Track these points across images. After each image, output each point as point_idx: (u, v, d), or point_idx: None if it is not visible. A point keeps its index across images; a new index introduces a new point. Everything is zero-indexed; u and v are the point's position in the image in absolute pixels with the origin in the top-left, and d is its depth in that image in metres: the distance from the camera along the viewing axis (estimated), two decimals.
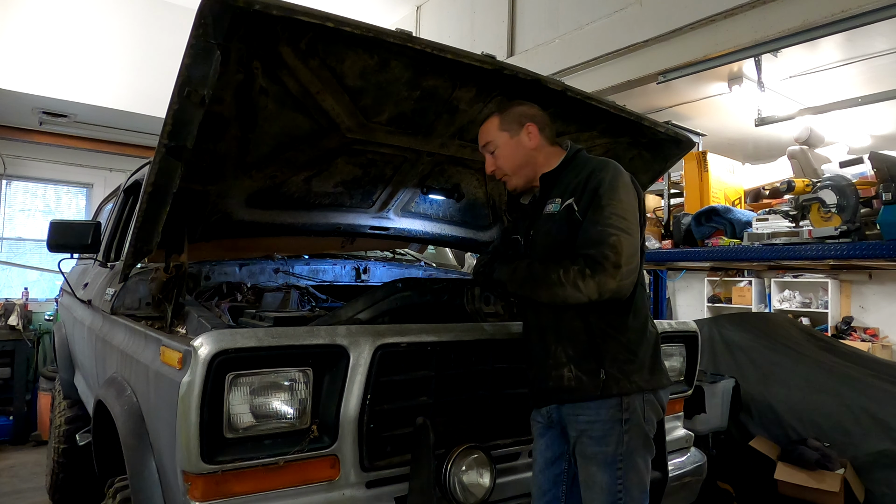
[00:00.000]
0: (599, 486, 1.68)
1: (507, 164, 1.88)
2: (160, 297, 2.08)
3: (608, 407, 1.68)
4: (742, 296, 8.06)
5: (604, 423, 1.68)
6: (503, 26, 5.49)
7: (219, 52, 1.46)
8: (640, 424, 1.70)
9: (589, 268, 1.61)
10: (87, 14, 5.71)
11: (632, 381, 1.69)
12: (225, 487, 1.51)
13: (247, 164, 2.11)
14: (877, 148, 5.64)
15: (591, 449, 1.69)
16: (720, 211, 4.15)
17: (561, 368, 1.72)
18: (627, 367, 1.70)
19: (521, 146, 1.85)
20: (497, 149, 1.87)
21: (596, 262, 1.61)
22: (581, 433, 1.71)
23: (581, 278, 1.61)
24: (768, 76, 4.68)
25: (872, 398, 3.53)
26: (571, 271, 1.62)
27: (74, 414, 3.69)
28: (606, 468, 1.67)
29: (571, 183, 1.76)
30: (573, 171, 1.80)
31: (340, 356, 1.64)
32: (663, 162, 2.66)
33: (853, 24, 3.33)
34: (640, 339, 1.75)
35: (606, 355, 1.69)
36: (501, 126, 1.86)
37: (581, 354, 1.70)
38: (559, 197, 1.77)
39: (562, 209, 1.74)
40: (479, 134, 1.93)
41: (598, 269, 1.61)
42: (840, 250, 3.27)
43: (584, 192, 1.71)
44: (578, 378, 1.69)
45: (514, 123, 1.86)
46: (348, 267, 3.39)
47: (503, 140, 1.86)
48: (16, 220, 7.16)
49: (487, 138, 1.89)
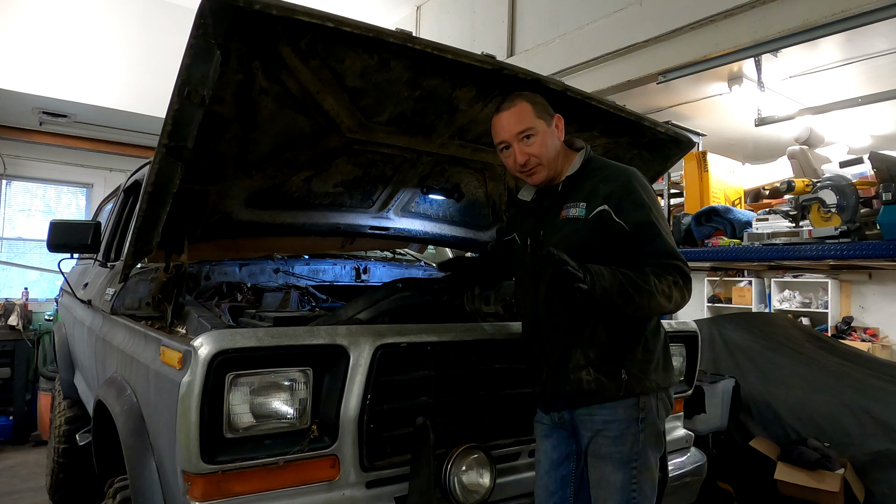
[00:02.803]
0: (614, 486, 1.67)
1: (544, 154, 1.75)
2: (160, 297, 2.08)
3: (626, 406, 1.68)
4: (742, 296, 8.05)
5: (620, 423, 1.68)
6: (503, 26, 5.50)
7: (219, 52, 1.47)
8: (655, 423, 1.72)
9: (680, 278, 1.63)
10: (87, 14, 5.71)
11: (651, 380, 1.70)
12: (225, 487, 1.51)
13: (247, 164, 2.10)
14: (877, 148, 5.65)
15: (607, 449, 1.69)
16: (720, 211, 4.15)
17: (579, 371, 1.70)
18: (647, 366, 1.71)
19: (554, 137, 1.78)
20: (537, 136, 1.73)
21: (683, 274, 1.64)
22: (597, 433, 1.70)
23: (674, 288, 1.62)
24: (768, 76, 4.69)
25: (872, 398, 3.53)
26: (664, 281, 1.61)
27: (74, 414, 3.69)
28: (622, 467, 1.67)
29: (599, 188, 1.71)
30: (597, 176, 1.76)
31: (340, 356, 1.64)
32: (663, 162, 2.66)
33: (853, 24, 3.33)
34: (656, 339, 1.77)
35: (627, 356, 1.69)
36: (537, 112, 1.75)
37: (602, 357, 1.69)
38: (583, 201, 1.72)
39: (592, 215, 1.69)
40: (510, 120, 1.75)
41: (686, 279, 1.64)
42: (840, 250, 3.27)
43: (624, 202, 1.67)
44: (598, 380, 1.68)
45: (545, 113, 1.77)
46: (348, 267, 3.39)
47: (542, 127, 1.75)
48: (16, 220, 7.16)
49: (527, 124, 1.73)
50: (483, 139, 2.37)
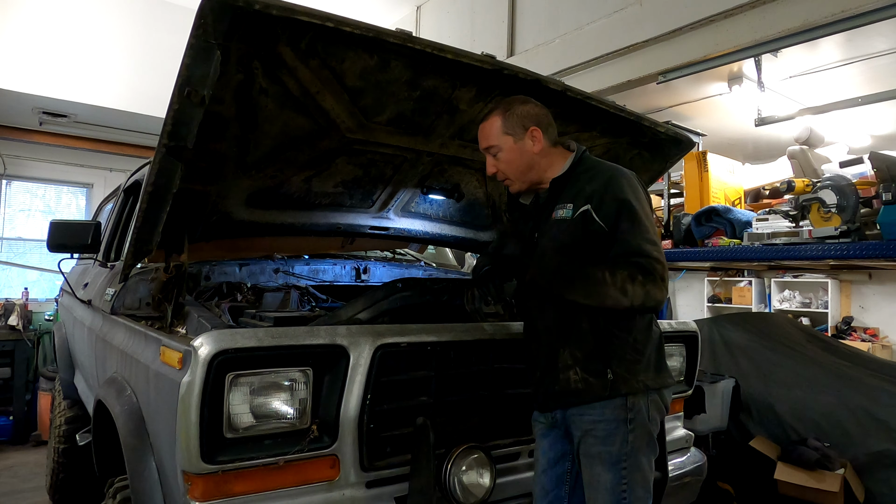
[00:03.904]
0: (604, 486, 1.67)
1: (509, 169, 1.81)
2: (160, 297, 2.08)
3: (613, 407, 1.68)
4: (742, 296, 8.05)
5: (608, 423, 1.68)
6: (503, 26, 5.49)
7: (219, 52, 1.47)
8: (645, 424, 1.70)
9: (641, 274, 1.60)
10: (87, 14, 5.71)
11: (638, 381, 1.69)
12: (225, 487, 1.51)
13: (247, 164, 2.10)
14: (877, 148, 5.65)
15: (596, 448, 1.69)
16: (720, 211, 4.15)
17: (567, 371, 1.71)
18: (635, 366, 1.70)
19: (525, 152, 1.79)
20: (500, 153, 1.80)
21: (647, 271, 1.61)
22: (586, 433, 1.71)
23: (630, 283, 1.59)
24: (768, 76, 4.69)
25: (872, 398, 3.53)
26: (619, 274, 1.60)
27: (74, 414, 3.69)
28: (611, 467, 1.67)
29: (585, 189, 1.72)
30: (585, 176, 1.76)
31: (340, 356, 1.64)
32: (663, 162, 2.66)
33: (853, 24, 3.33)
34: (647, 339, 1.75)
35: (613, 355, 1.69)
36: (505, 129, 1.78)
37: (588, 356, 1.69)
38: (570, 202, 1.73)
39: (576, 215, 1.70)
40: (480, 135, 1.84)
41: (649, 277, 1.61)
42: (840, 250, 3.27)
43: (604, 200, 1.68)
44: (585, 380, 1.69)
45: (517, 127, 1.78)
46: (348, 267, 3.39)
47: (507, 145, 1.78)
48: (16, 220, 7.16)
49: (490, 142, 1.81)
50: None
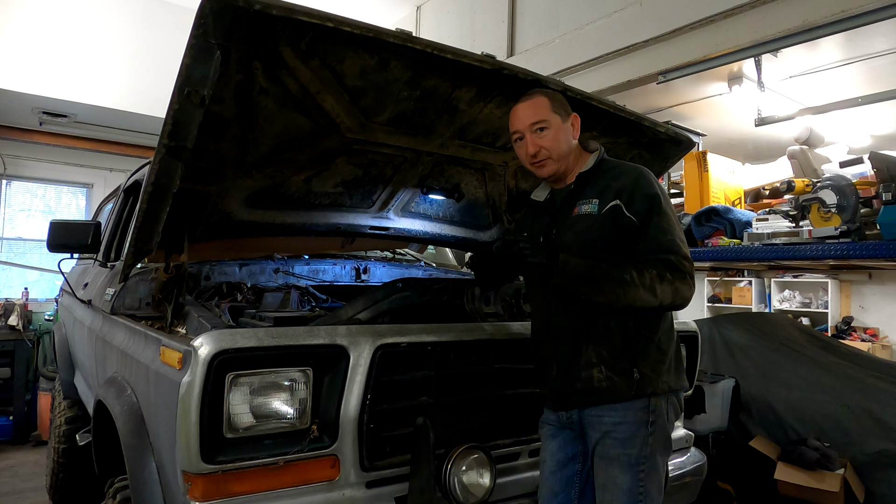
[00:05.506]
0: (620, 489, 1.66)
1: (555, 148, 1.77)
2: (160, 297, 2.08)
3: (636, 409, 1.67)
4: (742, 296, 8.04)
5: (630, 425, 1.66)
6: (503, 26, 5.50)
7: (219, 52, 1.46)
8: (665, 426, 1.70)
9: (670, 272, 1.61)
10: (87, 14, 5.71)
11: (662, 381, 1.69)
12: (225, 487, 1.51)
13: (247, 164, 2.10)
14: (877, 148, 5.65)
15: (615, 451, 1.67)
16: (720, 211, 4.15)
17: (590, 369, 1.69)
18: (659, 366, 1.70)
19: (568, 134, 1.80)
20: (550, 129, 1.76)
21: (676, 269, 1.62)
22: (605, 434, 1.69)
23: (659, 282, 1.59)
24: (768, 76, 4.69)
25: (872, 398, 3.53)
26: (647, 273, 1.59)
27: (74, 414, 3.69)
28: (629, 470, 1.66)
29: (612, 185, 1.73)
30: (609, 174, 1.77)
31: (340, 356, 1.64)
32: (663, 162, 2.66)
33: (853, 24, 3.33)
34: (669, 340, 1.76)
35: (640, 355, 1.68)
36: (553, 108, 1.78)
37: (615, 355, 1.68)
38: (595, 198, 1.73)
39: (605, 210, 1.70)
40: (524, 112, 1.78)
41: (678, 275, 1.61)
42: (840, 250, 3.27)
43: (635, 195, 1.68)
44: (610, 378, 1.67)
45: (562, 110, 1.80)
46: (348, 267, 3.39)
47: (556, 122, 1.77)
48: (16, 220, 7.16)
49: (541, 116, 1.76)
50: (483, 139, 2.38)
